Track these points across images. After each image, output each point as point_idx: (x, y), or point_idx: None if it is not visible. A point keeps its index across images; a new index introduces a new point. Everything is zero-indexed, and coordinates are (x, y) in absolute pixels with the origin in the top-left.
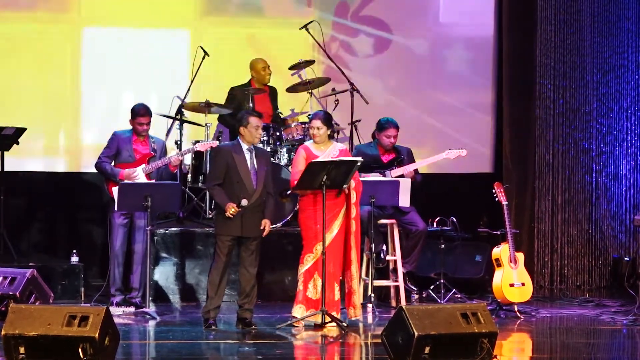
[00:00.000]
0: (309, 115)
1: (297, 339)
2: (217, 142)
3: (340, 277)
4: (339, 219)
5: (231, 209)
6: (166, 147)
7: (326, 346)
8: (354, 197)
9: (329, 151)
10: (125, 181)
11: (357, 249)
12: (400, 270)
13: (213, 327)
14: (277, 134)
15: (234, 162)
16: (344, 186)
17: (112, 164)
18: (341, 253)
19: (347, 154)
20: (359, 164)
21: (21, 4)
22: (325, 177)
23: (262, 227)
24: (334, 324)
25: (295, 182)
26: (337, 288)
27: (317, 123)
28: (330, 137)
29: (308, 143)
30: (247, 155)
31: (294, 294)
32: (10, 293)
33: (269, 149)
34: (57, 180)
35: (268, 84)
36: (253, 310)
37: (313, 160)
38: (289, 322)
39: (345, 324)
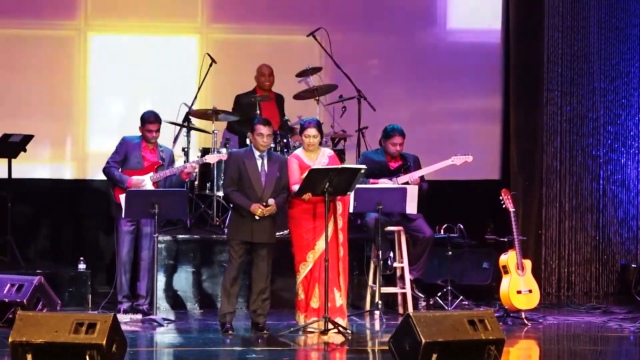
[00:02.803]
0: (301, 122)
1: (302, 345)
2: (226, 152)
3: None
4: (329, 226)
5: (258, 210)
6: (174, 156)
7: (329, 353)
8: (340, 208)
9: (319, 159)
10: (133, 188)
11: (345, 262)
12: (408, 277)
13: (230, 332)
14: (285, 141)
15: (245, 168)
16: (349, 193)
17: (120, 170)
18: (337, 260)
19: (336, 160)
20: (362, 171)
21: (28, 11)
22: (327, 184)
23: (268, 204)
24: (342, 329)
25: (296, 190)
26: (338, 294)
27: (313, 131)
28: (319, 143)
29: (298, 152)
30: (259, 162)
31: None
32: (18, 300)
33: None
34: (64, 187)
35: (274, 91)
36: (266, 315)
37: (314, 167)
38: (291, 329)
39: (350, 331)
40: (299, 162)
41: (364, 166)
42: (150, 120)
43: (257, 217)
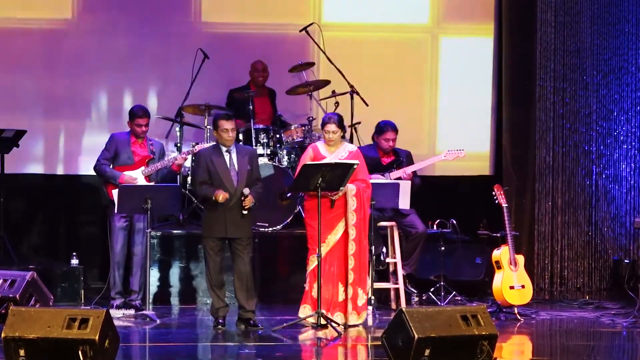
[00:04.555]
0: (324, 117)
1: (295, 341)
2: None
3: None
4: (343, 220)
5: (220, 195)
6: (164, 149)
7: (322, 348)
8: (353, 204)
9: (338, 152)
10: (125, 184)
11: (358, 258)
12: (400, 272)
13: (220, 327)
14: (277, 136)
15: (213, 165)
16: (341, 188)
17: (111, 166)
18: (346, 255)
19: (357, 156)
20: (355, 167)
21: (19, 5)
22: (320, 179)
23: (245, 194)
24: (334, 325)
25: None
26: (341, 289)
27: (332, 127)
28: (342, 137)
29: (319, 143)
30: (227, 157)
31: (296, 295)
32: (10, 296)
33: (268, 151)
34: (57, 182)
35: (267, 86)
36: (255, 312)
37: (307, 163)
38: (284, 324)
39: (343, 327)
40: (314, 152)
41: (356, 161)
42: (139, 114)
43: (221, 200)
